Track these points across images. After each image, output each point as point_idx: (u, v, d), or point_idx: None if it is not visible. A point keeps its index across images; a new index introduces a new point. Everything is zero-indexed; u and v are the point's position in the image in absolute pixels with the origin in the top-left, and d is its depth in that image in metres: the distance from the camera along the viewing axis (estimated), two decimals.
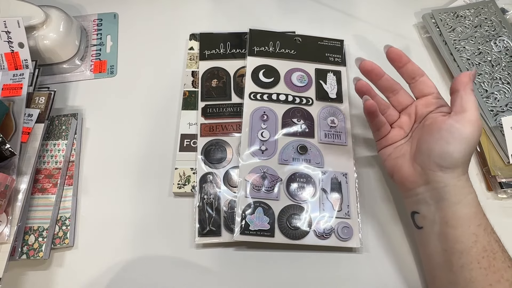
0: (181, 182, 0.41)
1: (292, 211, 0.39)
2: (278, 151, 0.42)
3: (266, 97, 0.45)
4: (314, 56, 0.49)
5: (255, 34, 0.49)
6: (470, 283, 0.31)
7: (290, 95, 0.46)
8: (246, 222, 0.38)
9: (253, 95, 0.45)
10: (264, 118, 0.44)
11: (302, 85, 0.47)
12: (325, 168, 0.42)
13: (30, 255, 0.37)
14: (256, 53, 0.48)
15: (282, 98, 0.45)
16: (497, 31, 0.50)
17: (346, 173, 0.41)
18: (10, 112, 0.40)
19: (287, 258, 0.39)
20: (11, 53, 0.44)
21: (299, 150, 0.42)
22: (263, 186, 0.40)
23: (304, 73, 0.47)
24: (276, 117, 0.44)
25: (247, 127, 0.43)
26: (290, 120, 0.44)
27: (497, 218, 0.34)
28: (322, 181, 0.41)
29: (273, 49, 0.49)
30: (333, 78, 0.48)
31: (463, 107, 0.33)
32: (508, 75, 0.47)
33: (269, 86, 0.46)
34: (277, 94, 0.46)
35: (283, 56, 0.48)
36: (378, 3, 0.57)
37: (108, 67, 0.50)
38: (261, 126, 0.43)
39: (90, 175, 0.43)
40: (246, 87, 0.46)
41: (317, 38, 0.50)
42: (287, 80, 0.47)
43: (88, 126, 0.46)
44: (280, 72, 0.47)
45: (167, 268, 0.39)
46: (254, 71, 0.47)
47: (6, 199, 0.36)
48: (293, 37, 0.50)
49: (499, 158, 0.43)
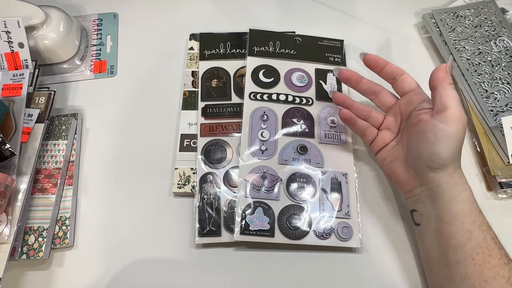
0: (181, 182, 0.41)
1: (292, 211, 0.39)
2: (278, 151, 0.42)
3: (266, 97, 0.45)
4: (314, 56, 0.49)
5: (255, 34, 0.49)
6: (466, 279, 0.32)
7: (290, 95, 0.46)
8: (246, 222, 0.38)
9: (253, 95, 0.45)
10: (264, 118, 0.44)
11: (302, 85, 0.47)
12: (325, 168, 0.42)
13: (30, 255, 0.37)
14: (256, 53, 0.48)
15: (282, 98, 0.45)
16: (497, 31, 0.50)
17: (346, 173, 0.41)
18: (10, 112, 0.40)
19: (287, 258, 0.39)
20: (11, 53, 0.44)
21: (299, 150, 0.42)
22: (263, 186, 0.40)
23: (304, 73, 0.47)
24: (276, 117, 0.44)
25: (247, 127, 0.43)
26: (290, 120, 0.44)
27: (497, 218, 0.34)
28: (322, 181, 0.41)
29: (273, 49, 0.49)
30: (333, 78, 0.48)
31: (444, 104, 0.33)
32: (508, 75, 0.47)
33: (269, 86, 0.46)
34: (277, 94, 0.46)
35: (283, 56, 0.48)
36: (378, 3, 0.57)
37: (108, 67, 0.50)
38: (261, 126, 0.43)
39: (90, 175, 0.43)
40: (246, 87, 0.46)
41: (317, 38, 0.50)
42: (287, 80, 0.47)
43: (88, 126, 0.46)
44: (280, 72, 0.47)
45: (167, 268, 0.39)
46: (254, 71, 0.47)
47: (6, 199, 0.36)
48: (293, 37, 0.50)
49: (499, 158, 0.43)
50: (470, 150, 0.46)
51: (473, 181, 0.44)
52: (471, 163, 0.45)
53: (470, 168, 0.45)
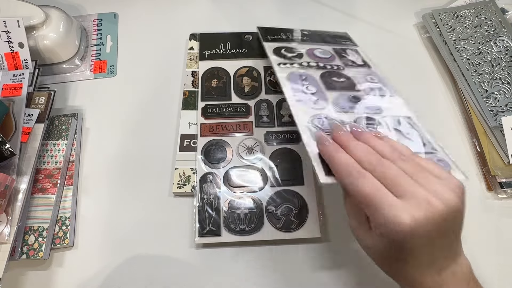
0: (181, 182, 0.41)
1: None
2: (331, 101, 0.38)
3: (296, 65, 0.43)
4: (328, 40, 0.49)
5: (263, 30, 0.50)
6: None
7: (319, 63, 0.44)
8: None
9: (282, 63, 0.42)
10: (303, 78, 0.41)
11: (326, 56, 0.45)
12: (385, 113, 0.38)
13: (30, 255, 0.37)
14: (270, 40, 0.48)
15: (313, 64, 0.43)
16: (497, 31, 0.50)
17: (409, 116, 0.38)
18: (10, 112, 0.40)
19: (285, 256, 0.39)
20: (11, 53, 0.44)
21: (352, 99, 0.39)
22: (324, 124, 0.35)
23: (325, 50, 0.47)
24: (314, 78, 0.41)
25: (287, 86, 0.39)
26: (330, 79, 0.41)
27: (497, 218, 0.34)
28: (389, 124, 0.36)
29: (286, 37, 0.48)
30: (352, 53, 0.47)
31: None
32: (508, 75, 0.47)
33: (295, 59, 0.44)
34: (307, 61, 0.44)
35: (299, 41, 0.48)
36: (378, 3, 0.57)
37: (108, 67, 0.50)
38: (303, 83, 0.40)
39: (90, 175, 0.43)
40: (272, 61, 0.43)
41: (324, 31, 0.51)
42: (310, 54, 0.45)
43: (88, 126, 0.46)
44: (301, 50, 0.46)
45: (167, 268, 0.39)
46: (276, 49, 0.45)
47: (6, 199, 0.36)
48: (302, 31, 0.50)
49: (499, 158, 0.43)
50: (470, 150, 0.46)
51: (473, 181, 0.44)
52: (471, 163, 0.45)
53: (470, 168, 0.45)
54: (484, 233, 0.40)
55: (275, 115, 0.45)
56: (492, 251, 0.39)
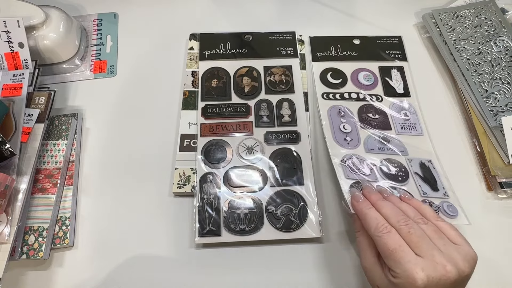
0: (181, 182, 0.41)
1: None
2: (362, 141, 0.43)
3: (338, 96, 0.47)
4: (376, 55, 0.51)
5: (315, 40, 0.52)
6: None
7: (360, 93, 0.47)
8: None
9: (326, 95, 0.47)
10: (341, 114, 0.46)
11: (369, 83, 0.48)
12: (410, 155, 0.43)
13: (30, 255, 0.37)
14: (319, 58, 0.51)
15: (354, 96, 0.47)
16: (497, 31, 0.50)
17: (430, 160, 0.43)
18: (10, 112, 0.40)
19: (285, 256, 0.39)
20: (11, 53, 0.44)
21: (382, 140, 0.44)
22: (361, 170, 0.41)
23: (369, 72, 0.49)
24: (351, 113, 0.46)
25: (326, 121, 0.45)
26: (366, 115, 0.46)
27: (497, 218, 0.34)
28: (411, 166, 0.42)
29: (335, 53, 0.51)
30: (397, 74, 0.49)
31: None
32: (508, 75, 0.47)
33: (338, 86, 0.48)
34: (348, 92, 0.48)
35: (346, 58, 0.50)
36: (378, 3, 0.57)
37: (108, 67, 0.50)
38: (341, 120, 0.45)
39: (90, 175, 0.43)
40: (317, 89, 0.48)
41: (375, 37, 0.52)
42: (354, 80, 0.49)
43: (88, 126, 0.46)
44: (346, 73, 0.49)
45: (167, 268, 0.39)
46: (322, 74, 0.49)
47: (6, 199, 0.36)
48: (352, 39, 0.52)
49: (499, 158, 0.43)
50: (470, 150, 0.46)
51: (473, 181, 0.44)
52: (471, 163, 0.45)
53: (470, 168, 0.45)
54: (484, 233, 0.40)
55: (275, 115, 0.45)
56: (492, 251, 0.39)
